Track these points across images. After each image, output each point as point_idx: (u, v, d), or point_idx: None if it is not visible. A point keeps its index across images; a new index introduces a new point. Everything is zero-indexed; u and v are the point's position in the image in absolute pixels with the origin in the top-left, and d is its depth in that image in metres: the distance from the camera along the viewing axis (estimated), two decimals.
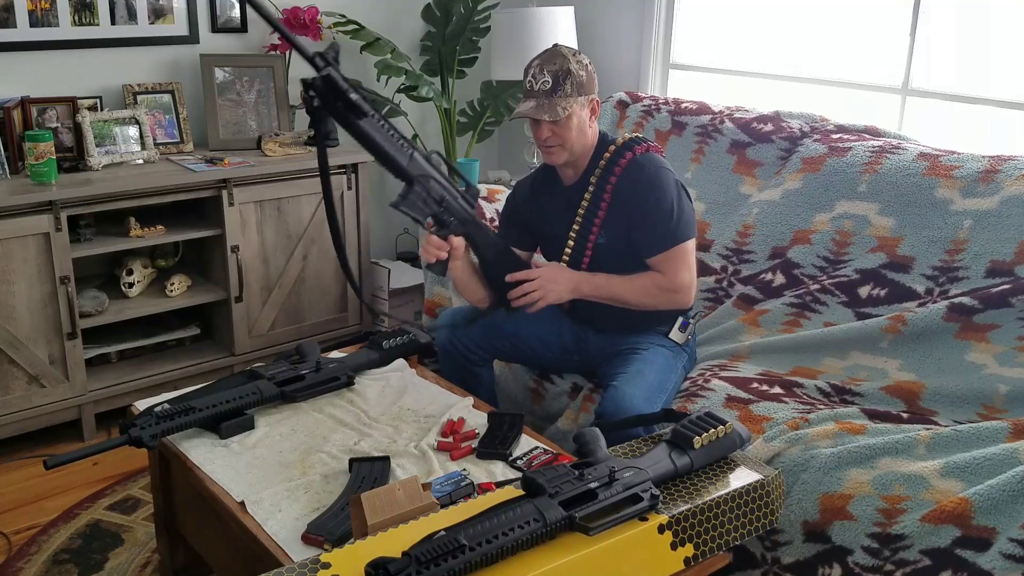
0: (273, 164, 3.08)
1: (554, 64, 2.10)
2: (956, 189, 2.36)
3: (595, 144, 2.22)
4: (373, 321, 3.51)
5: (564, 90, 2.09)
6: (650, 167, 2.16)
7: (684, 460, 1.60)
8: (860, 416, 2.01)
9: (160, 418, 1.82)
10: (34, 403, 2.73)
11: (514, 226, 2.38)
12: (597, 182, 2.20)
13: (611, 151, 2.20)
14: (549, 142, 2.14)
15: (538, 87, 2.10)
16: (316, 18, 3.30)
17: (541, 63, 2.12)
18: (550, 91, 2.09)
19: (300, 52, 1.63)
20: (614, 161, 2.18)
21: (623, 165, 2.17)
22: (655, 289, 2.15)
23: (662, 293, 2.15)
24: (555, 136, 2.13)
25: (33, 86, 2.95)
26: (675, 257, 2.14)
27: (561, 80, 2.09)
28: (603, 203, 2.18)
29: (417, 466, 1.79)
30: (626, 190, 2.16)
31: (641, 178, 2.15)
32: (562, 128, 2.12)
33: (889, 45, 2.90)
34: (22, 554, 2.31)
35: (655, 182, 2.14)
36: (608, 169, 2.18)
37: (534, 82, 2.11)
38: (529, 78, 2.12)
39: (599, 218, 2.20)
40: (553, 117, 2.09)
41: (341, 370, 2.13)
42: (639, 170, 2.16)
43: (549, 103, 2.09)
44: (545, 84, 2.09)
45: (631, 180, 2.16)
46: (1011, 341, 2.09)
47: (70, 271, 2.70)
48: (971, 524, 1.63)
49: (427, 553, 1.23)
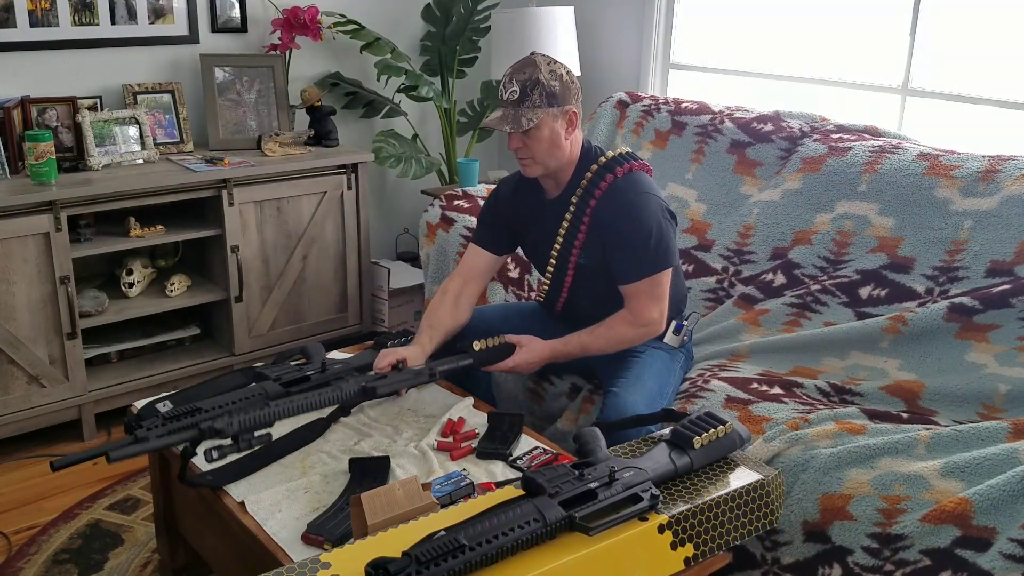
0: (273, 164, 3.08)
1: (524, 73, 2.02)
2: (956, 189, 2.36)
3: (577, 158, 2.14)
4: (373, 321, 3.51)
5: (532, 100, 2.01)
6: (630, 193, 2.07)
7: (684, 460, 1.60)
8: (860, 416, 2.01)
9: (166, 419, 1.82)
10: (34, 403, 2.73)
11: (491, 225, 2.30)
12: (578, 203, 2.12)
13: (593, 170, 2.11)
14: (520, 154, 2.09)
15: (507, 96, 2.04)
16: (316, 18, 3.30)
17: (512, 72, 2.05)
18: (517, 101, 2.01)
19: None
20: (595, 183, 2.10)
21: (603, 188, 2.09)
22: (626, 330, 2.10)
23: (632, 331, 2.10)
24: (525, 148, 2.06)
25: (33, 86, 2.96)
26: (645, 291, 2.08)
27: (529, 90, 2.00)
28: (583, 225, 2.12)
29: (417, 466, 1.79)
30: (604, 215, 2.09)
31: (618, 205, 2.07)
32: (532, 140, 2.04)
33: (889, 45, 2.90)
34: (22, 554, 2.31)
35: (632, 211, 2.06)
36: (588, 191, 2.11)
37: (504, 91, 2.05)
38: (501, 87, 2.07)
39: (579, 239, 2.13)
40: (515, 128, 2.01)
41: (346, 371, 2.12)
42: (619, 195, 2.08)
43: (515, 113, 2.02)
44: (513, 94, 2.02)
45: (609, 205, 2.08)
46: (1011, 341, 2.09)
47: (70, 271, 2.70)
48: (971, 524, 1.63)
49: (427, 553, 1.23)
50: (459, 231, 2.74)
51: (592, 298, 2.19)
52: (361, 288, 3.40)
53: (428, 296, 2.81)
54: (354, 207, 3.29)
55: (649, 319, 2.10)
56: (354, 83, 3.62)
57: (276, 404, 1.75)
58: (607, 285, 2.14)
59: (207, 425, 1.67)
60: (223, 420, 1.68)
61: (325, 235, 3.25)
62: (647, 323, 2.10)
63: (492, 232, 2.30)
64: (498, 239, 2.29)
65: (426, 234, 2.83)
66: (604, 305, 2.16)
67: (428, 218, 2.85)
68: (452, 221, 2.77)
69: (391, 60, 3.40)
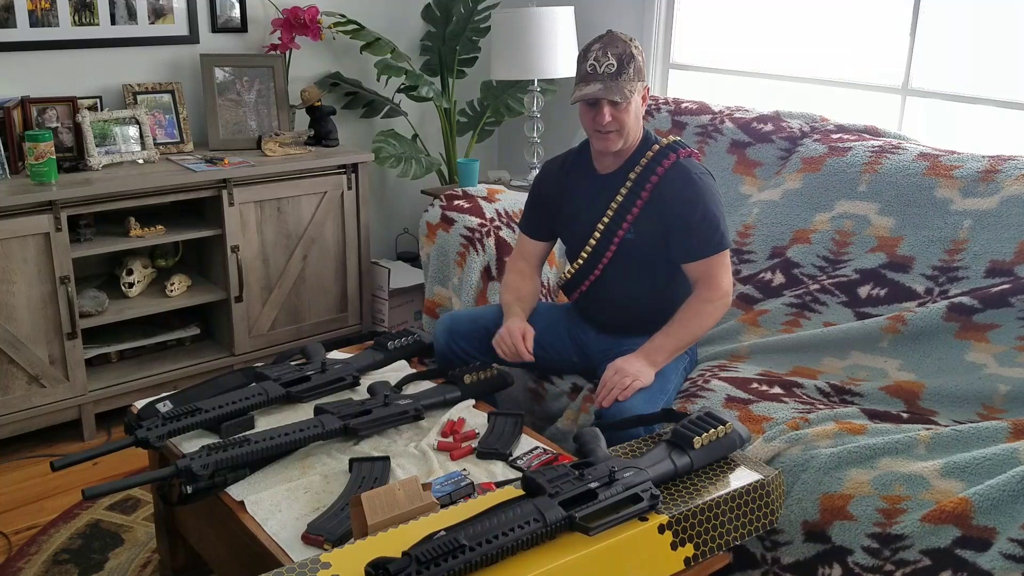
0: (273, 164, 3.08)
1: (617, 47, 2.08)
2: (956, 189, 2.36)
3: (642, 135, 2.21)
4: (373, 321, 3.51)
5: (628, 73, 2.07)
6: (696, 172, 2.15)
7: (684, 460, 1.60)
8: (860, 416, 2.01)
9: (167, 419, 1.82)
10: (34, 403, 2.73)
11: (536, 209, 2.37)
12: (637, 178, 2.17)
13: (655, 150, 2.18)
14: (609, 127, 2.10)
15: (602, 70, 2.06)
16: (316, 18, 3.30)
17: (603, 46, 2.09)
18: (615, 73, 2.06)
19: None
20: (657, 160, 2.16)
21: (666, 166, 2.15)
22: (706, 307, 2.14)
23: (711, 306, 2.14)
24: (615, 121, 2.10)
25: (33, 86, 2.96)
26: (719, 262, 2.14)
27: (625, 63, 2.06)
28: (639, 200, 2.16)
29: (417, 466, 1.79)
30: (668, 192, 2.14)
31: (687, 183, 2.13)
32: (622, 112, 2.09)
33: (889, 45, 2.89)
34: (22, 554, 2.31)
35: (703, 189, 2.13)
36: (650, 168, 2.16)
37: (597, 65, 2.07)
38: (592, 61, 2.08)
39: (632, 214, 2.17)
40: (623, 99, 2.06)
41: (346, 371, 2.12)
42: (685, 175, 2.14)
43: (616, 85, 2.06)
44: (611, 67, 2.06)
45: (675, 183, 2.14)
46: (1011, 341, 2.09)
47: (70, 271, 2.70)
48: (971, 524, 1.63)
49: (427, 553, 1.23)
50: (459, 231, 2.74)
51: (620, 282, 2.23)
52: (361, 288, 3.40)
53: (428, 296, 2.82)
54: (354, 207, 3.29)
55: (727, 289, 2.16)
56: (354, 83, 3.62)
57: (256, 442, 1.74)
58: (639, 266, 2.19)
59: (184, 465, 1.66)
60: (199, 462, 1.66)
61: (325, 235, 3.25)
62: (725, 293, 2.16)
63: (537, 218, 2.38)
64: (542, 225, 2.37)
65: (426, 234, 2.83)
66: (626, 293, 2.21)
67: (428, 218, 2.84)
68: (452, 221, 2.77)
69: (391, 60, 3.40)
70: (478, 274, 2.68)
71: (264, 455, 1.75)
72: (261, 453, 1.74)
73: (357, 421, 1.88)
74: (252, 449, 1.72)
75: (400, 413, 1.94)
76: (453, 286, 2.71)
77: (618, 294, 2.23)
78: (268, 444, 1.75)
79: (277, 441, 1.77)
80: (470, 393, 2.08)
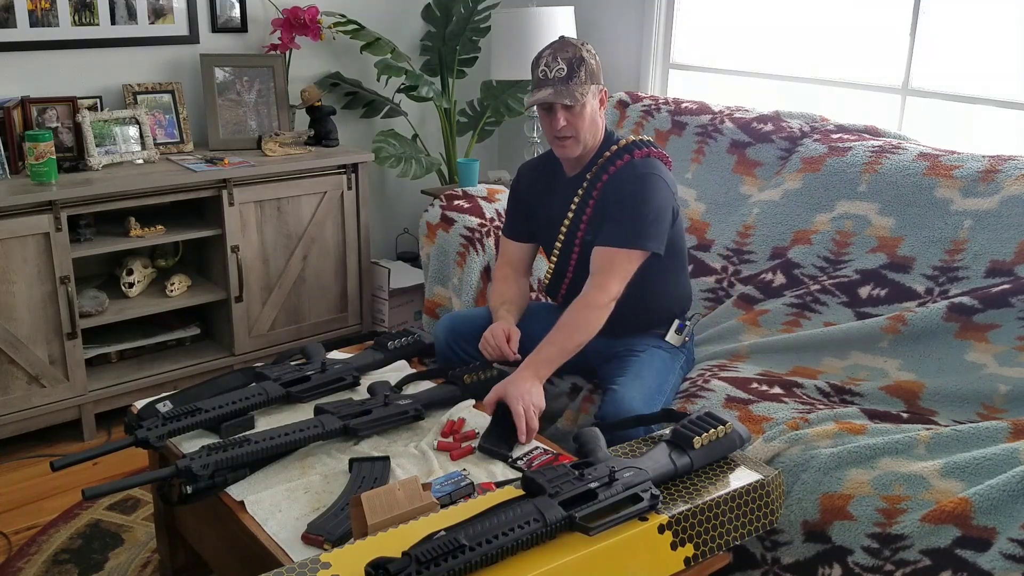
0: (273, 164, 3.08)
1: (567, 52, 2.09)
2: (956, 189, 2.36)
3: (603, 138, 2.21)
4: (373, 321, 3.51)
5: (579, 77, 2.08)
6: (645, 171, 2.12)
7: (684, 460, 1.60)
8: (860, 416, 2.01)
9: (167, 419, 1.82)
10: (34, 403, 2.73)
11: (515, 213, 2.39)
12: (591, 179, 2.18)
13: (612, 150, 2.18)
14: (564, 132, 2.11)
15: (552, 75, 2.08)
16: (316, 18, 3.30)
17: (553, 51, 2.11)
18: (565, 78, 2.07)
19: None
20: (612, 160, 2.17)
21: (617, 166, 2.15)
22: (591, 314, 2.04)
23: (595, 312, 2.04)
24: (570, 126, 2.11)
25: (33, 86, 2.96)
26: (622, 259, 2.05)
27: (575, 67, 2.08)
28: (592, 200, 2.17)
29: (417, 466, 1.79)
30: (613, 190, 2.13)
31: (631, 179, 2.11)
32: (576, 117, 2.10)
33: (889, 45, 2.89)
34: (22, 554, 2.31)
35: (639, 182, 2.10)
36: (603, 167, 2.17)
37: (548, 70, 2.09)
38: (542, 67, 2.10)
39: (586, 215, 2.18)
40: (573, 101, 2.07)
41: (346, 371, 2.12)
42: (632, 172, 2.13)
43: (567, 89, 2.07)
44: (560, 71, 2.08)
45: (620, 180, 2.13)
46: (1011, 341, 2.09)
47: (70, 271, 2.70)
48: (971, 524, 1.63)
49: (427, 553, 1.23)
50: (459, 231, 2.74)
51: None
52: (361, 288, 3.40)
53: (428, 296, 2.82)
54: (354, 207, 3.29)
55: (614, 294, 2.05)
56: (354, 83, 3.62)
57: (256, 442, 1.73)
58: None
59: (184, 465, 1.65)
60: (199, 462, 1.66)
61: (325, 235, 3.25)
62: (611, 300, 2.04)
63: (516, 221, 2.39)
64: (521, 229, 2.38)
65: (426, 234, 2.83)
66: None
67: (428, 218, 2.85)
68: (452, 221, 2.77)
69: (391, 60, 3.40)
70: (478, 274, 2.68)
71: (264, 455, 1.75)
72: (261, 453, 1.74)
73: (357, 421, 1.88)
74: (252, 449, 1.72)
75: (400, 413, 1.94)
76: (453, 286, 2.72)
77: None
78: (268, 444, 1.75)
79: (277, 441, 1.76)
80: (470, 393, 2.08)
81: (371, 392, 2.01)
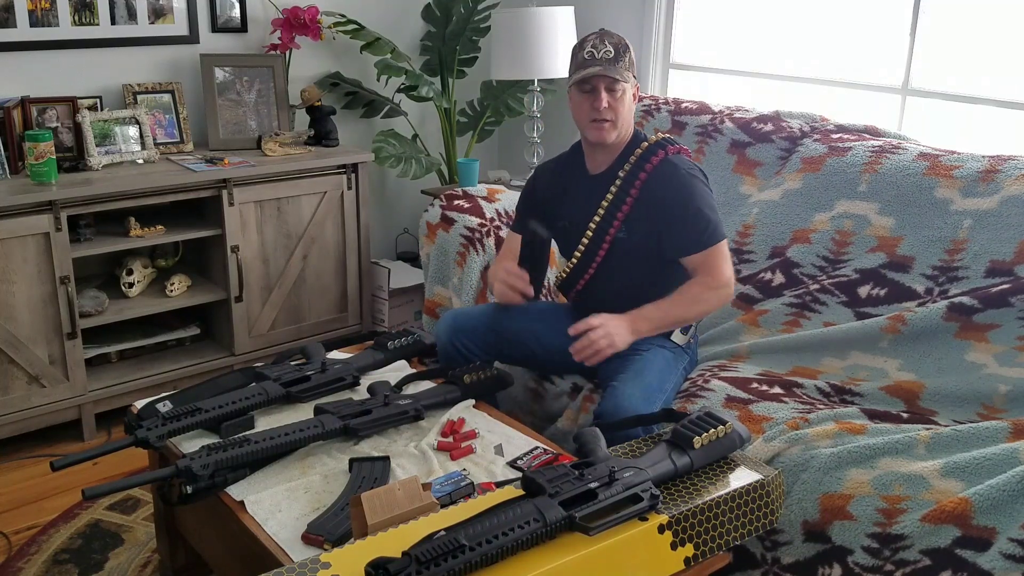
0: (273, 164, 3.08)
1: (613, 38, 2.12)
2: (956, 189, 2.36)
3: (631, 134, 2.22)
4: (373, 321, 3.51)
5: (624, 62, 2.11)
6: (684, 168, 2.17)
7: (684, 460, 1.60)
8: (860, 416, 2.01)
9: (167, 419, 1.82)
10: (34, 403, 2.73)
11: (530, 212, 2.38)
12: (626, 176, 2.18)
13: (643, 147, 2.19)
14: (605, 114, 2.12)
15: (600, 55, 2.10)
16: (316, 18, 3.31)
17: (600, 36, 2.13)
18: (613, 59, 2.10)
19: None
20: (645, 158, 2.18)
21: (654, 163, 2.17)
22: (705, 292, 2.13)
23: (711, 292, 2.14)
24: (611, 109, 2.12)
25: (33, 86, 2.96)
26: (716, 254, 2.14)
27: (622, 52, 2.11)
28: (629, 198, 2.17)
29: (417, 466, 1.79)
30: (657, 188, 2.16)
31: (676, 179, 2.15)
32: (618, 101, 2.12)
33: (889, 45, 2.89)
34: (22, 554, 2.31)
35: (692, 183, 2.15)
36: (638, 165, 2.18)
37: (595, 51, 2.11)
38: (588, 48, 2.12)
39: (623, 212, 2.18)
40: (622, 78, 2.09)
41: (346, 371, 2.12)
42: (673, 171, 2.16)
43: (615, 68, 2.10)
44: (608, 53, 2.10)
45: (663, 179, 2.15)
46: (1011, 341, 2.09)
47: (70, 271, 2.70)
48: (971, 524, 1.63)
49: (427, 553, 1.23)
50: (459, 231, 2.74)
51: (615, 279, 2.23)
52: (361, 288, 3.40)
53: (428, 296, 2.81)
54: (354, 207, 3.29)
55: (727, 279, 2.15)
56: (354, 83, 3.62)
57: (256, 442, 1.73)
58: (633, 265, 2.19)
59: (184, 465, 1.65)
60: (199, 462, 1.66)
61: (325, 235, 3.25)
62: (726, 283, 2.15)
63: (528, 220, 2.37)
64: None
65: (426, 234, 2.83)
66: (622, 290, 2.20)
67: (428, 218, 2.84)
68: (452, 221, 2.77)
69: (391, 60, 3.40)
70: (478, 274, 2.68)
71: (264, 455, 1.75)
72: (261, 453, 1.74)
73: (357, 421, 1.88)
74: (252, 449, 1.72)
75: (400, 413, 1.94)
76: (453, 286, 2.72)
77: (613, 292, 2.23)
78: (268, 444, 1.75)
79: (277, 441, 1.76)
80: (470, 393, 2.08)
81: (371, 392, 2.01)
